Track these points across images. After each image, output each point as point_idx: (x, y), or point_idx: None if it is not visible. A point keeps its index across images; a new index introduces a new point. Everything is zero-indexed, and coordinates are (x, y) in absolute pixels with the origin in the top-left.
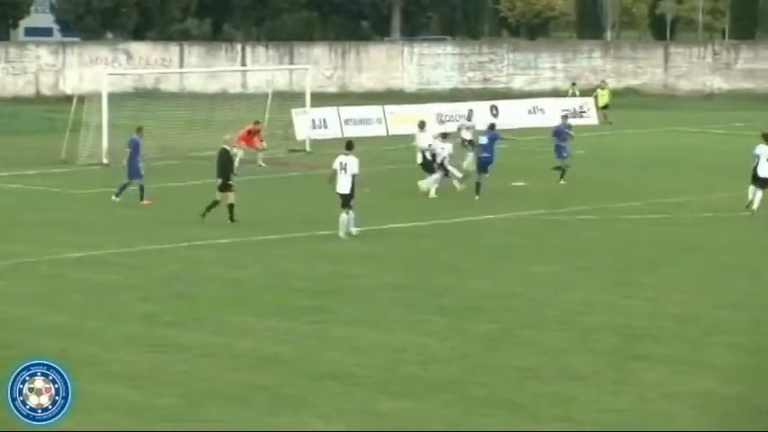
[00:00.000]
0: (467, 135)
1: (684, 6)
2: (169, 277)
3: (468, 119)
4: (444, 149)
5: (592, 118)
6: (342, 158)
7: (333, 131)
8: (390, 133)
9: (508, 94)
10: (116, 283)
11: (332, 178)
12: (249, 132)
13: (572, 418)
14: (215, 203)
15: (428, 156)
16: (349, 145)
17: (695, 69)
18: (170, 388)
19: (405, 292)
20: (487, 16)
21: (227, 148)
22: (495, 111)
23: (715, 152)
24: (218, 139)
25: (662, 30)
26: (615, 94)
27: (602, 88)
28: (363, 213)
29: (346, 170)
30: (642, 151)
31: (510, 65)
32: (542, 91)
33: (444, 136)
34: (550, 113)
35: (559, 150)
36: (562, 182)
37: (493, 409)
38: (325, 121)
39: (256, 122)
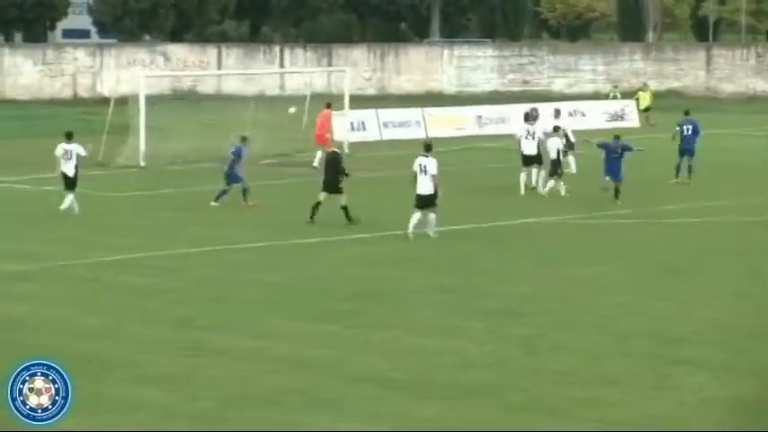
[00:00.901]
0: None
1: (727, 8)
2: (205, 280)
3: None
4: (553, 145)
5: (633, 121)
6: (421, 160)
7: (371, 134)
8: (430, 136)
9: (548, 97)
10: (152, 286)
11: (414, 180)
12: (328, 120)
13: (609, 422)
14: (318, 204)
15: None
16: (427, 147)
17: (738, 71)
18: (205, 391)
19: (442, 295)
20: (528, 18)
21: (338, 150)
22: (535, 113)
23: (757, 155)
24: (255, 141)
25: (704, 31)
26: (657, 96)
27: (644, 90)
28: (402, 216)
29: (426, 171)
30: None
31: (550, 67)
32: (583, 93)
33: (556, 129)
34: (591, 116)
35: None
36: (676, 180)
37: (531, 414)
38: (363, 123)
39: (328, 105)
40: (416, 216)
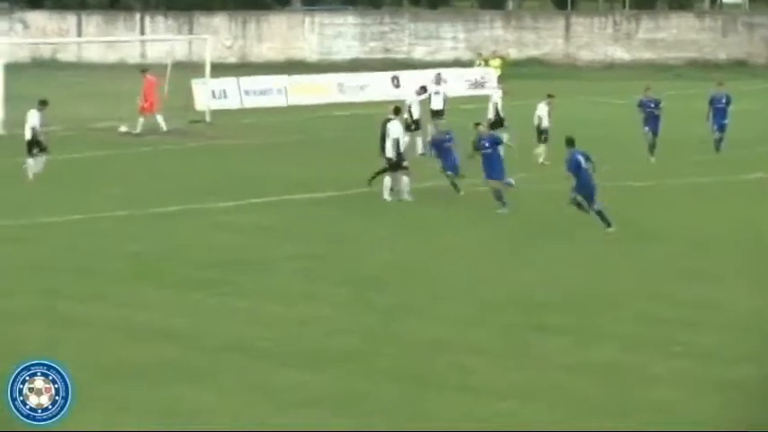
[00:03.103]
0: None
1: None
2: (66, 250)
3: (437, 83)
4: (537, 113)
5: (494, 88)
6: (388, 124)
7: (233, 102)
8: (290, 103)
9: (409, 65)
10: (10, 255)
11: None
12: (153, 87)
13: (473, 389)
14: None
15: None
16: (396, 110)
17: (596, 40)
18: (78, 364)
19: (307, 263)
20: None
21: (392, 117)
22: (396, 81)
23: (617, 123)
24: (115, 110)
25: (563, 0)
26: (517, 64)
27: (493, 58)
28: (266, 184)
29: (389, 135)
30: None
31: (411, 35)
32: (444, 61)
33: (549, 101)
34: (453, 83)
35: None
36: (652, 159)
37: (397, 381)
38: (224, 91)
39: (144, 71)
40: (387, 180)
